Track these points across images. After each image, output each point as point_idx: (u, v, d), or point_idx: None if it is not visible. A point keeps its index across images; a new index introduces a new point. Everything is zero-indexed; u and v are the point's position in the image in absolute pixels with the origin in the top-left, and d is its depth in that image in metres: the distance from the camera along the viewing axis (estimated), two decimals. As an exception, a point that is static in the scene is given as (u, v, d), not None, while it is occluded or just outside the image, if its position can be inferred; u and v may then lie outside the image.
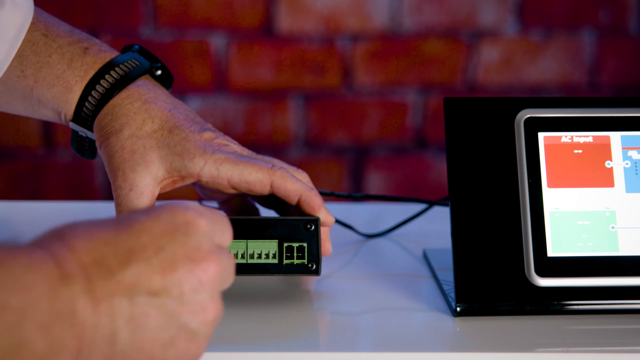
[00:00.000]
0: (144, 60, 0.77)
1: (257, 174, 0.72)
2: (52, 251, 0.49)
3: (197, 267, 0.51)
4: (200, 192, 0.80)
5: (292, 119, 1.89)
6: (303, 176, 0.75)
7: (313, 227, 0.71)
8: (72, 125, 0.76)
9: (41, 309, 0.46)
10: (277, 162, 0.74)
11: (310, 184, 0.75)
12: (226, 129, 1.86)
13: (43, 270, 0.47)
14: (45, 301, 0.47)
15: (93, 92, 0.75)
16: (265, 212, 0.80)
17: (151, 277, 0.50)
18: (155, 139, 0.73)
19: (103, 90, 0.74)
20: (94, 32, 1.83)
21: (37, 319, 0.46)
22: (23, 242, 0.50)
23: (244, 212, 0.80)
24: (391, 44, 1.88)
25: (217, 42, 1.86)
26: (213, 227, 0.53)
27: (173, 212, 0.52)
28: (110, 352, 0.49)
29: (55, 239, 0.50)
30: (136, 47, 0.79)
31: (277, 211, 0.78)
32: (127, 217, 0.52)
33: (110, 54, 0.76)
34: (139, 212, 0.53)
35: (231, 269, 0.54)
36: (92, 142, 0.77)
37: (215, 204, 0.82)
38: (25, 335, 0.46)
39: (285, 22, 1.87)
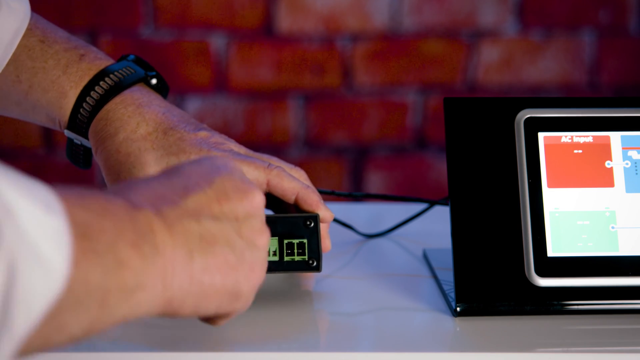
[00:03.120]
0: (139, 68, 0.78)
1: (253, 173, 0.72)
2: (115, 192, 0.53)
3: (246, 196, 0.57)
4: None
5: (292, 119, 1.89)
6: (300, 174, 0.75)
7: (313, 224, 0.71)
8: (67, 133, 0.77)
9: (129, 230, 0.50)
10: (274, 161, 0.74)
11: (307, 182, 0.75)
12: (226, 129, 1.86)
13: (118, 202, 0.51)
14: (129, 223, 0.50)
15: (87, 99, 0.75)
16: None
17: (210, 204, 0.55)
18: (150, 141, 0.73)
19: (97, 97, 0.75)
20: (94, 33, 1.83)
21: (128, 238, 0.50)
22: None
23: None
24: (391, 44, 1.88)
25: (217, 42, 1.86)
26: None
27: (212, 158, 0.59)
28: (190, 272, 0.53)
29: (114, 187, 0.56)
30: (132, 56, 0.79)
31: (276, 209, 0.78)
32: (173, 167, 0.58)
33: (105, 61, 0.77)
34: (181, 163, 0.60)
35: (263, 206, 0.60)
36: (87, 150, 0.78)
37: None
38: (123, 254, 0.49)
39: (285, 22, 1.86)
